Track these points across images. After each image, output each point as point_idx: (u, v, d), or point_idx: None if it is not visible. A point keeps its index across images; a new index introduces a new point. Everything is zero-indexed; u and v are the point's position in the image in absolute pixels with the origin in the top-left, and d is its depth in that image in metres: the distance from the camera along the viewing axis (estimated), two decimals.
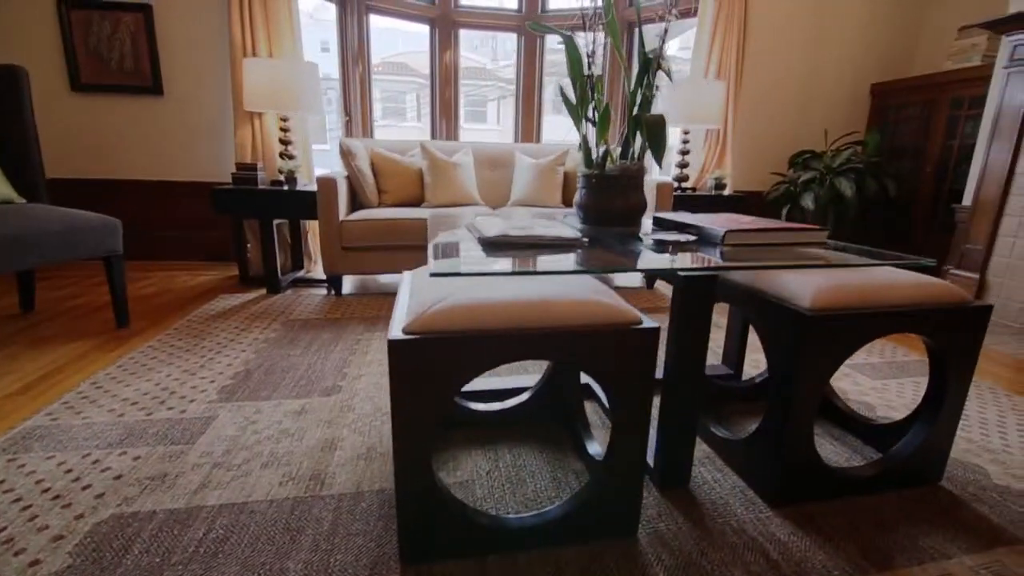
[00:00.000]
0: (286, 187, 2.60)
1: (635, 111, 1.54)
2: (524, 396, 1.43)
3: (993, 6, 3.04)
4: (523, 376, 1.64)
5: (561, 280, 1.01)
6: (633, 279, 3.13)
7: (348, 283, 2.93)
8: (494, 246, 1.09)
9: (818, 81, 3.64)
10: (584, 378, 1.57)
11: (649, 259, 1.02)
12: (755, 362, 1.91)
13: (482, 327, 0.85)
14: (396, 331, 0.83)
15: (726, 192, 3.04)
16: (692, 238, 1.25)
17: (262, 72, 2.55)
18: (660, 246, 1.20)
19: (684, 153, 3.13)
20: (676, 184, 3.13)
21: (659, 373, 1.56)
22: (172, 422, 1.38)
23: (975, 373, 1.87)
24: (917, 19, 3.63)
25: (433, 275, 0.85)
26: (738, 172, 3.57)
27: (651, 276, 2.95)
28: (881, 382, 1.76)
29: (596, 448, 1.21)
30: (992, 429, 1.46)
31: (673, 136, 3.24)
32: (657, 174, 2.98)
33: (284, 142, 2.73)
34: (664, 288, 2.99)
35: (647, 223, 1.60)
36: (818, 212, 3.18)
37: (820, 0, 3.48)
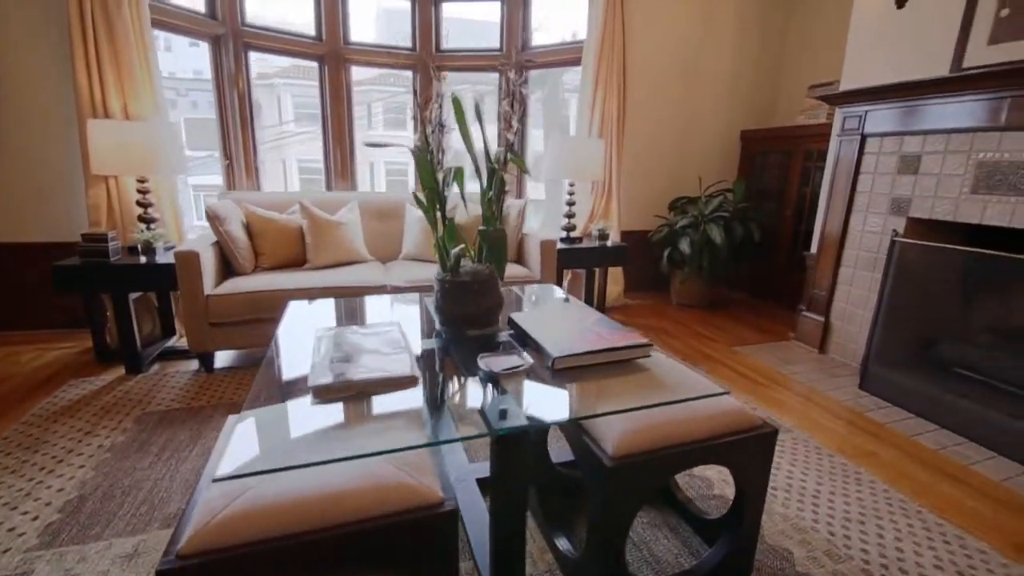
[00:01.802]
0: (143, 259, 2.40)
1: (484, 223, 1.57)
2: None
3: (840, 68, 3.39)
4: None
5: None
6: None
7: (224, 353, 2.76)
8: (324, 394, 1.09)
9: (694, 129, 3.90)
10: None
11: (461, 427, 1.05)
12: None
13: (274, 534, 0.83)
14: (173, 550, 0.79)
15: (609, 243, 3.19)
16: (527, 364, 1.30)
17: (110, 135, 2.34)
18: (490, 379, 1.24)
19: (570, 204, 3.25)
20: (564, 233, 3.24)
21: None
22: None
23: (806, 429, 2.09)
24: (776, 74, 3.99)
25: (215, 480, 0.82)
26: (625, 213, 3.75)
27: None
28: None
29: None
30: (807, 500, 1.64)
31: (561, 188, 3.35)
32: (537, 228, 3.06)
33: (143, 204, 2.53)
34: None
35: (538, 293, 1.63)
36: (693, 255, 3.41)
37: (690, 55, 3.74)
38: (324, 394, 1.12)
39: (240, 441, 0.93)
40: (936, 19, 2.33)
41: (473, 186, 1.63)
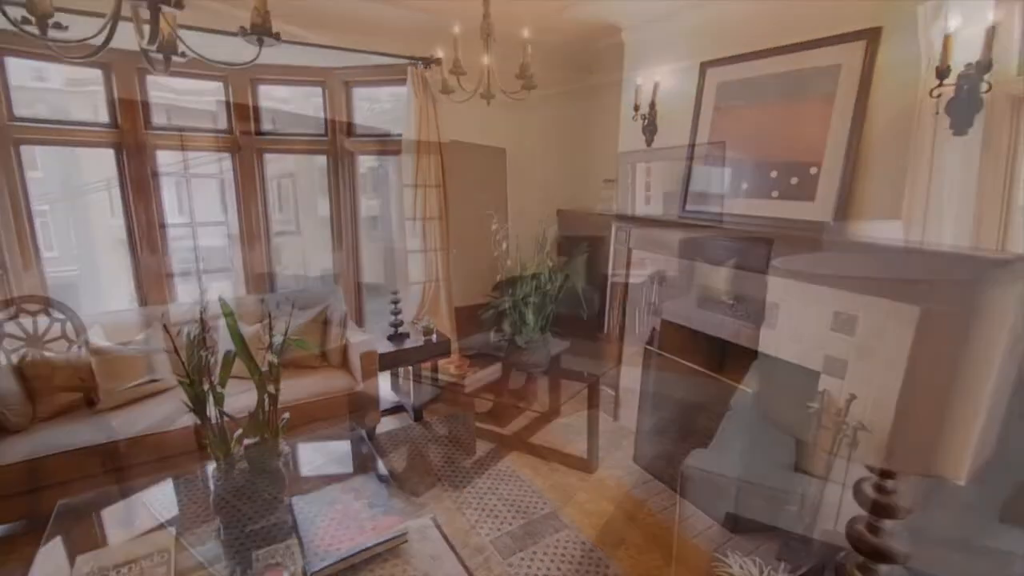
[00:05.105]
0: None
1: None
2: None
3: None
4: None
5: None
6: None
7: None
8: None
9: (516, 210, 4.30)
10: None
11: None
12: None
13: None
14: None
15: (435, 338, 3.42)
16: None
17: None
18: None
19: (395, 303, 3.42)
20: (393, 330, 3.41)
21: None
22: None
23: (579, 520, 2.49)
24: (584, 166, 4.54)
25: None
26: (458, 291, 4.02)
27: None
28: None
29: None
30: None
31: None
32: (360, 336, 3.20)
33: None
34: None
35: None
36: (515, 334, 3.79)
37: (508, 150, 4.12)
38: None
39: None
40: (672, 165, 2.90)
41: None
